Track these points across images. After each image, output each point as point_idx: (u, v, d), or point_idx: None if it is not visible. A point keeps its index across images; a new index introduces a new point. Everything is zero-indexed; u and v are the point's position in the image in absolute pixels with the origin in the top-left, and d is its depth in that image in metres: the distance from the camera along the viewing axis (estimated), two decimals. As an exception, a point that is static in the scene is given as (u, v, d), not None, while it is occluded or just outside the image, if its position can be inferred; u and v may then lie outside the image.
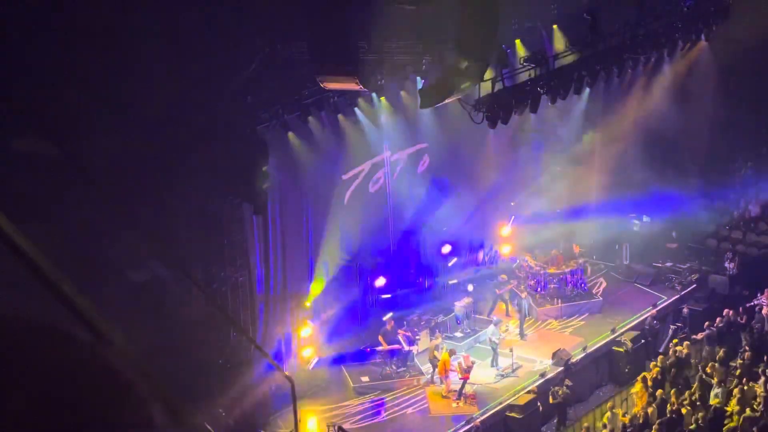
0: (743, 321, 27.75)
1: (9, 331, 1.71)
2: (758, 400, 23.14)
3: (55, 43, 17.58)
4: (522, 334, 28.43)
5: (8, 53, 17.03)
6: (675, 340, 27.43)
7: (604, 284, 32.14)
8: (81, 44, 18.00)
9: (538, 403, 24.55)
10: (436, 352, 25.93)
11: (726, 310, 27.96)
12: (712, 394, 24.08)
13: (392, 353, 26.51)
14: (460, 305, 29.03)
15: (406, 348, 26.63)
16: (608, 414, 24.30)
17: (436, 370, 25.78)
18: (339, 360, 27.11)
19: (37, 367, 1.67)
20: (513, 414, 24.42)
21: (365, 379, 26.06)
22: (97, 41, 18.28)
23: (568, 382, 25.26)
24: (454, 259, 31.14)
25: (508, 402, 24.84)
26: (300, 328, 26.04)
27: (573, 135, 32.82)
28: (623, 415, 24.17)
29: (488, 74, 23.50)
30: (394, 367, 26.33)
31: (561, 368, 26.03)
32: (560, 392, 24.64)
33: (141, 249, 18.61)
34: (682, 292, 30.86)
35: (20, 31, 17.15)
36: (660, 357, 26.31)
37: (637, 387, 25.05)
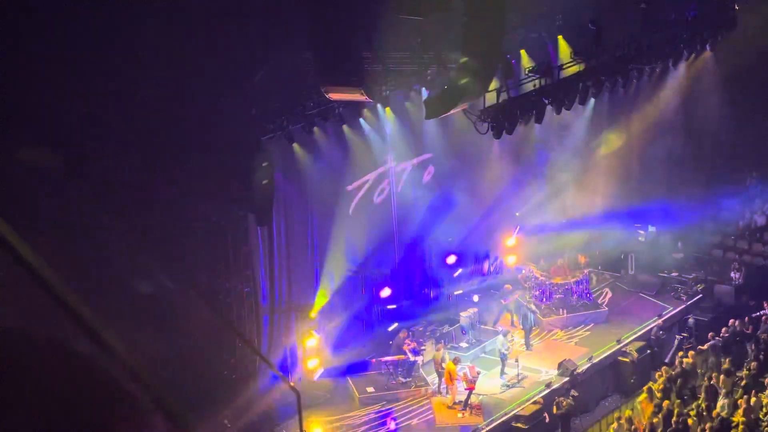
0: (749, 331, 27.69)
1: (12, 342, 1.72)
2: (764, 410, 23.09)
3: (61, 53, 17.62)
4: (528, 345, 28.38)
5: (15, 63, 17.07)
6: (681, 351, 27.40)
7: (609, 294, 32.10)
8: (86, 54, 18.05)
9: (544, 414, 24.50)
10: (444, 363, 25.84)
11: (732, 321, 27.92)
12: (718, 404, 24.04)
13: (398, 363, 26.52)
14: (465, 316, 29.01)
15: (412, 358, 26.61)
16: (614, 425, 24.25)
17: (443, 380, 25.74)
18: (344, 370, 27.09)
19: (40, 378, 1.67)
20: (519, 424, 24.36)
21: (371, 389, 26.03)
22: (102, 52, 18.33)
23: (574, 392, 25.22)
24: (460, 270, 31.12)
25: (513, 412, 24.78)
26: (305, 339, 26.03)
27: (578, 145, 32.79)
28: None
29: (493, 84, 23.52)
30: (399, 378, 26.30)
31: (566, 378, 25.99)
32: (564, 403, 24.58)
33: (146, 260, 18.63)
34: (688, 303, 30.81)
35: (26, 40, 17.20)
36: (665, 367, 26.25)
37: (643, 397, 25.01)
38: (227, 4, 20.57)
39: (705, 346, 27.27)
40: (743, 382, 24.98)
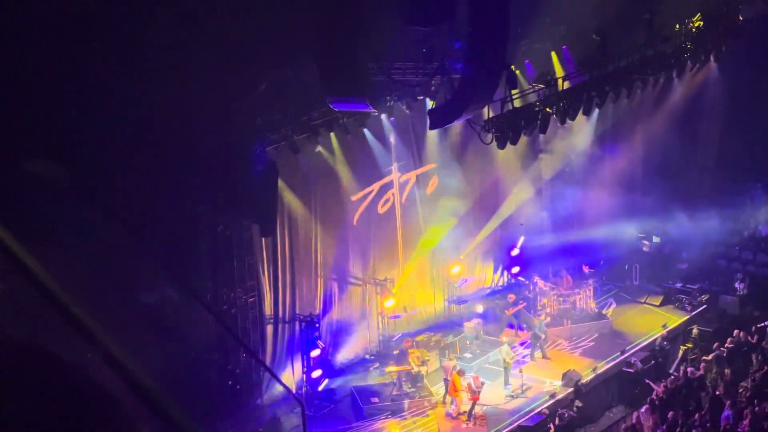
0: (754, 341, 27.64)
1: (7, 352, 1.72)
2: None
3: (70, 69, 17.65)
4: (532, 356, 28.33)
5: (24, 78, 17.10)
6: (685, 362, 27.35)
7: (613, 305, 32.06)
8: (93, 68, 18.08)
9: (549, 425, 24.45)
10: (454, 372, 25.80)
11: (736, 331, 27.85)
12: (722, 415, 23.97)
13: (402, 374, 26.51)
14: (469, 326, 28.99)
15: (416, 369, 26.58)
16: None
17: (447, 390, 25.71)
18: (349, 381, 27.08)
19: (34, 388, 1.68)
20: (523, 435, 24.33)
21: (375, 399, 25.99)
22: (108, 62, 18.36)
23: (578, 403, 25.18)
24: (464, 280, 31.10)
25: (518, 423, 24.74)
26: (310, 349, 26.00)
27: (582, 155, 32.80)
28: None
29: (497, 95, 23.53)
30: (404, 388, 26.26)
31: (571, 389, 25.94)
32: (566, 415, 24.54)
33: (151, 270, 18.64)
34: (692, 313, 30.77)
35: (36, 55, 17.23)
36: (670, 378, 26.21)
37: (647, 408, 24.95)
38: (232, 14, 20.59)
39: (710, 357, 27.23)
40: (748, 393, 24.94)
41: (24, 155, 15.93)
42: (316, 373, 26.05)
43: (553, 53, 28.70)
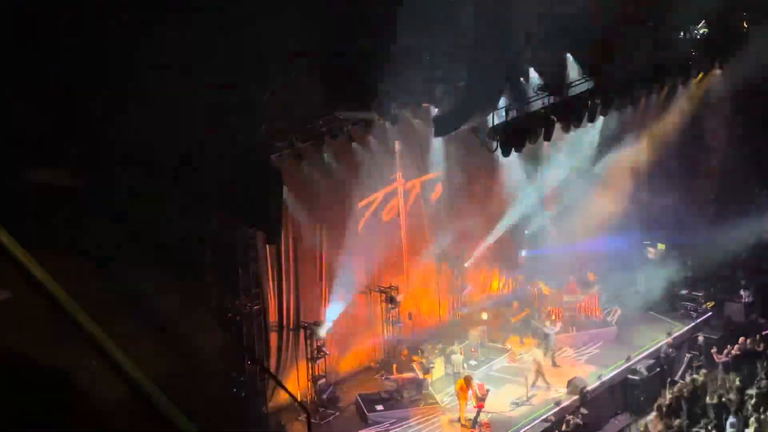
0: (759, 348, 27.59)
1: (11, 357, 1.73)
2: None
3: (75, 76, 17.68)
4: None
5: (33, 84, 17.12)
6: (690, 369, 27.30)
7: (618, 312, 32.00)
8: (98, 75, 18.11)
9: (555, 432, 24.47)
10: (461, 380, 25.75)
11: (742, 338, 27.80)
12: (727, 423, 23.92)
13: (407, 381, 26.47)
14: (474, 333, 28.97)
15: (421, 376, 26.56)
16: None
17: (455, 393, 25.67)
18: (353, 388, 27.05)
19: (34, 392, 1.69)
20: (528, 443, 24.31)
21: (380, 407, 25.96)
22: (113, 72, 18.39)
23: (583, 410, 25.15)
24: (469, 287, 31.07)
25: (523, 431, 24.72)
26: (314, 357, 25.99)
27: (587, 162, 32.77)
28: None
29: (502, 102, 23.54)
30: (408, 396, 26.22)
31: (576, 396, 25.91)
32: (572, 422, 24.51)
33: (156, 278, 18.63)
34: (698, 320, 30.73)
35: (43, 62, 17.25)
36: (675, 385, 26.16)
37: (653, 415, 24.92)
38: (238, 21, 20.62)
39: (715, 364, 27.19)
40: (753, 400, 24.88)
41: (29, 162, 15.96)
42: (321, 380, 26.04)
43: (557, 60, 28.64)
